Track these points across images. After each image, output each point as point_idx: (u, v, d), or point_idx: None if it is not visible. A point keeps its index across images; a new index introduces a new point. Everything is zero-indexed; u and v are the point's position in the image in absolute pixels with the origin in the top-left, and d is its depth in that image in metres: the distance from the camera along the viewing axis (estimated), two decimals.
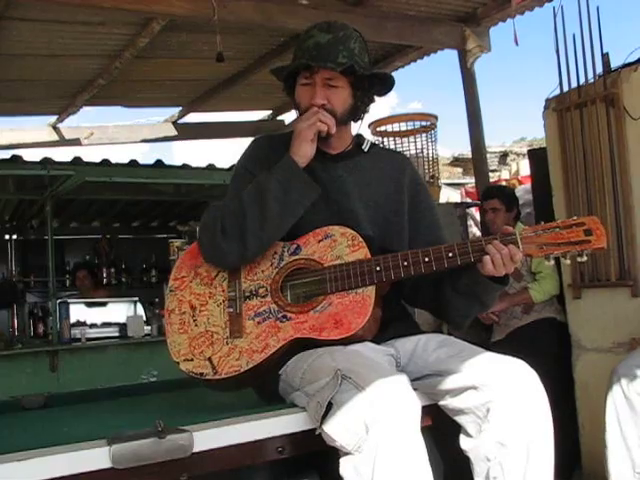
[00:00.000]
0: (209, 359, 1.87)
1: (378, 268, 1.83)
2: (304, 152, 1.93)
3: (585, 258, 1.80)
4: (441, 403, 1.81)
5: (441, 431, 1.85)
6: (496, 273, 1.80)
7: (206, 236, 1.95)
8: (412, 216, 2.08)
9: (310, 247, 1.93)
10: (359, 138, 2.15)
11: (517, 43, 4.72)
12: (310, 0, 4.73)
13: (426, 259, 1.82)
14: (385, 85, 2.08)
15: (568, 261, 1.83)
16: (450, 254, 1.82)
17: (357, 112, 2.06)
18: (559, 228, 1.79)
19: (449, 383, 1.76)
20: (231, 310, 1.91)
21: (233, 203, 1.92)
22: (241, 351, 1.85)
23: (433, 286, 1.99)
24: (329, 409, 1.58)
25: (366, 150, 2.12)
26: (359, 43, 2.02)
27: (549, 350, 3.79)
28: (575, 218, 1.81)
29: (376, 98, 2.11)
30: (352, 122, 2.11)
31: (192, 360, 1.89)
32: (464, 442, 1.77)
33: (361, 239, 1.89)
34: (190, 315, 1.95)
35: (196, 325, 1.93)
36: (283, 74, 2.06)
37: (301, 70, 2.00)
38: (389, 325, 1.95)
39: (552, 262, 1.83)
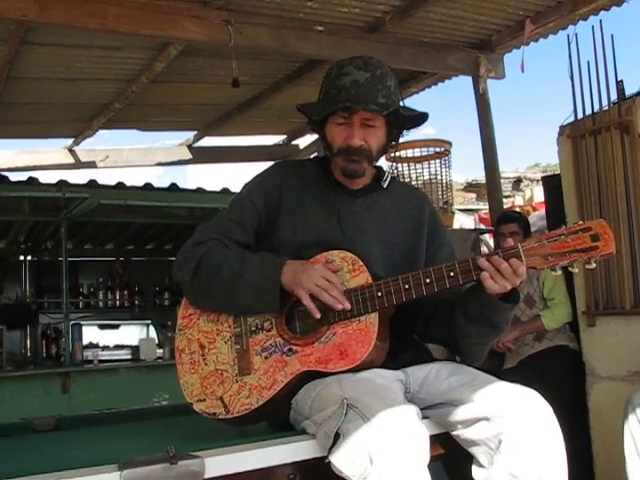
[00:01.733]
0: (220, 398, 1.88)
1: (379, 293, 1.80)
2: (296, 285, 1.84)
3: (594, 265, 1.71)
4: (453, 433, 1.79)
5: (453, 460, 1.83)
6: (499, 289, 1.74)
7: (182, 265, 1.97)
8: (428, 253, 2.07)
9: None
10: (379, 172, 2.12)
11: (523, 70, 4.78)
12: (325, 26, 4.77)
13: (427, 280, 1.78)
14: (417, 122, 2.07)
15: (576, 270, 1.74)
16: (452, 273, 1.77)
17: (386, 149, 2.06)
18: (564, 236, 1.71)
19: (461, 414, 1.74)
20: (238, 347, 1.91)
21: (215, 259, 1.91)
22: (250, 388, 1.85)
23: (445, 317, 1.94)
24: (337, 439, 1.56)
25: (385, 186, 2.09)
26: (394, 81, 1.98)
27: (561, 378, 3.76)
28: (581, 223, 1.72)
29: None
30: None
31: (205, 400, 1.90)
32: (476, 472, 1.74)
33: (362, 263, 1.86)
34: (200, 354, 1.95)
35: (206, 364, 1.93)
36: (320, 114, 1.98)
37: (338, 110, 1.94)
38: (400, 355, 1.93)
39: (559, 272, 1.75)
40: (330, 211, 2.00)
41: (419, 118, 2.05)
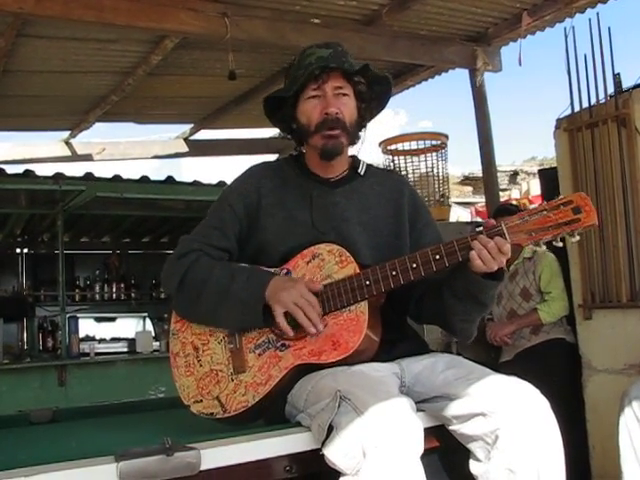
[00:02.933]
0: (217, 398, 1.89)
1: (367, 282, 1.80)
2: (274, 301, 1.83)
3: (578, 237, 1.71)
4: (450, 428, 1.78)
5: (450, 454, 1.83)
6: (487, 269, 1.75)
7: (168, 278, 2.00)
8: (412, 235, 2.06)
9: (300, 270, 1.91)
10: (354, 160, 2.12)
11: (520, 64, 4.79)
12: (322, 19, 4.76)
13: (414, 265, 1.78)
14: (381, 99, 2.08)
15: (560, 244, 1.74)
16: (437, 256, 1.76)
17: (358, 129, 2.05)
18: (546, 211, 1.71)
19: (457, 408, 1.74)
20: (232, 346, 1.91)
21: (200, 272, 1.92)
22: (246, 386, 1.86)
23: (435, 297, 1.95)
24: (330, 431, 1.57)
25: (362, 173, 2.09)
26: (354, 60, 2.02)
27: (558, 371, 3.76)
28: (562, 197, 1.73)
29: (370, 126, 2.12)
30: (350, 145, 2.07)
31: (201, 401, 1.91)
32: (474, 467, 1.74)
33: (348, 254, 1.86)
34: (194, 356, 1.96)
35: (201, 366, 1.94)
36: (291, 90, 2.00)
37: (309, 83, 1.96)
38: (395, 345, 1.93)
39: (544, 247, 1.76)
40: (311, 206, 1.99)
41: (381, 82, 2.05)
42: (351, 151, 2.11)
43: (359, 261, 1.87)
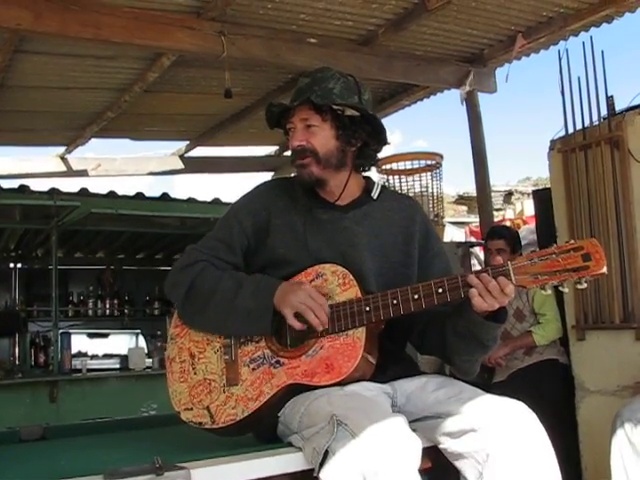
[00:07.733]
0: (207, 408, 1.89)
1: (368, 308, 1.79)
2: (283, 305, 1.84)
3: (585, 285, 1.67)
4: (440, 447, 1.77)
5: (441, 475, 1.82)
6: (488, 307, 1.72)
7: (174, 287, 2.01)
8: (421, 264, 2.04)
9: None
10: (369, 183, 2.10)
11: (507, 80, 5.13)
12: (318, 39, 4.79)
13: (415, 296, 1.76)
14: (374, 124, 2.01)
15: (566, 289, 1.71)
16: (440, 290, 1.75)
17: (343, 155, 2.00)
18: (555, 254, 1.68)
19: (448, 426, 1.73)
20: (227, 357, 1.92)
21: (208, 281, 1.93)
22: (237, 399, 1.86)
23: (437, 331, 1.93)
24: (326, 455, 1.55)
25: (375, 197, 2.07)
26: (342, 83, 1.98)
27: (551, 392, 3.75)
28: (572, 242, 1.69)
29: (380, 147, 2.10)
30: (357, 171, 2.07)
31: (192, 409, 1.91)
32: None
33: (352, 277, 1.85)
34: (190, 363, 1.96)
35: (195, 373, 1.95)
36: (272, 128, 2.08)
37: (286, 115, 2.02)
38: (388, 368, 1.92)
39: (549, 291, 1.73)
40: (320, 230, 1.99)
41: (363, 113, 1.99)
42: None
43: (363, 286, 1.86)
